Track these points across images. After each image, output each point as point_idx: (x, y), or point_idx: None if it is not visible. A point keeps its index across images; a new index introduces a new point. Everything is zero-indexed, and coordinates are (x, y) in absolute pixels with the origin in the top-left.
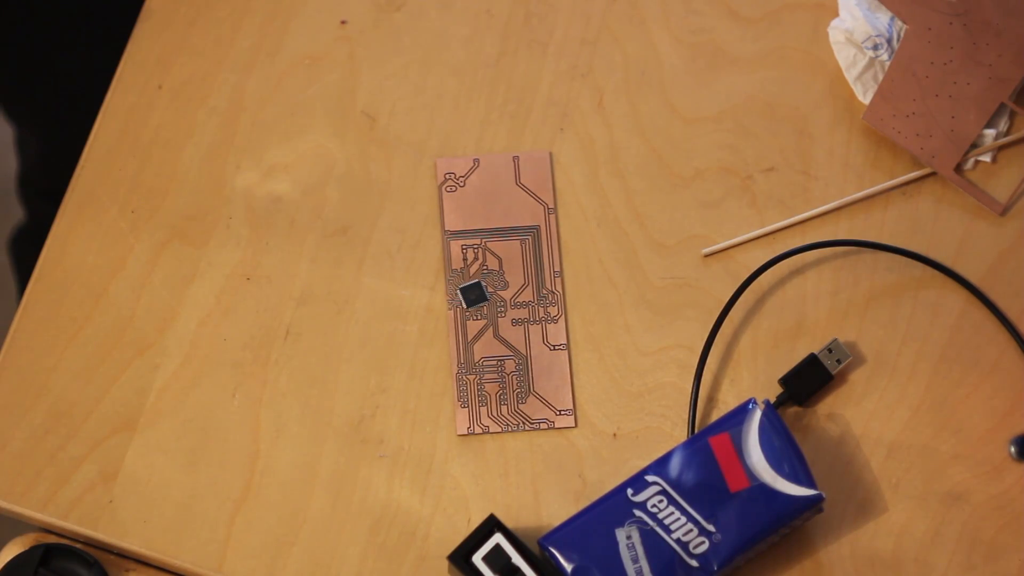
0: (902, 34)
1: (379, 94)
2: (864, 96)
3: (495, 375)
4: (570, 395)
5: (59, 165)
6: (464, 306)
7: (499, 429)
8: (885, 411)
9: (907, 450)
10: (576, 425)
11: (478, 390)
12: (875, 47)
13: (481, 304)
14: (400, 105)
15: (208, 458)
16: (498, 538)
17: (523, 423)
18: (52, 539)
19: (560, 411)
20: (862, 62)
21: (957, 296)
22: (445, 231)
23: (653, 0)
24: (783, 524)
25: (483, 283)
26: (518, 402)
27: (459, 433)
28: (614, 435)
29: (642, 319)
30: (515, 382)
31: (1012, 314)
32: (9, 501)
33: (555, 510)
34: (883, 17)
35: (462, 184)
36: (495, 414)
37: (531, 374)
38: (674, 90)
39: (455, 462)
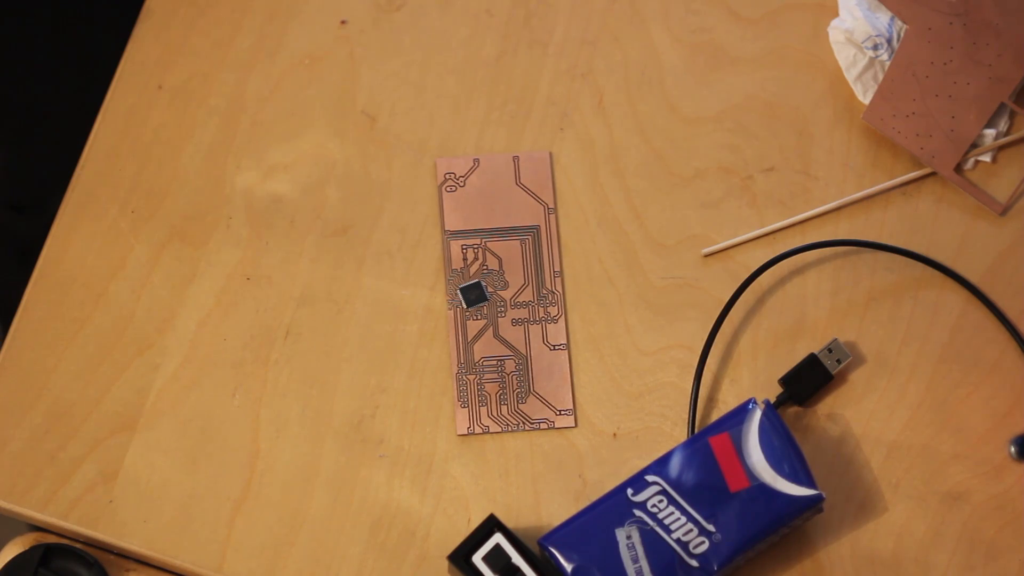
0: (902, 34)
1: (379, 94)
2: (864, 96)
3: (495, 375)
4: (570, 395)
5: (27, 178)
6: (464, 306)
7: (499, 429)
8: (885, 411)
9: (907, 450)
10: (576, 425)
11: (478, 390)
12: (875, 47)
13: (481, 304)
14: (400, 105)
15: (208, 458)
16: (498, 538)
17: (523, 423)
18: (52, 539)
19: (560, 411)
20: (862, 62)
21: (957, 296)
22: (445, 231)
23: (653, 0)
24: (783, 524)
25: (483, 283)
26: (518, 402)
27: (459, 433)
28: (614, 435)
29: (642, 319)
30: (515, 382)
31: (1012, 314)
32: (9, 501)
33: (555, 510)
34: (883, 17)
35: (462, 184)
36: (495, 414)
37: (531, 374)
38: (674, 90)
39: (455, 462)
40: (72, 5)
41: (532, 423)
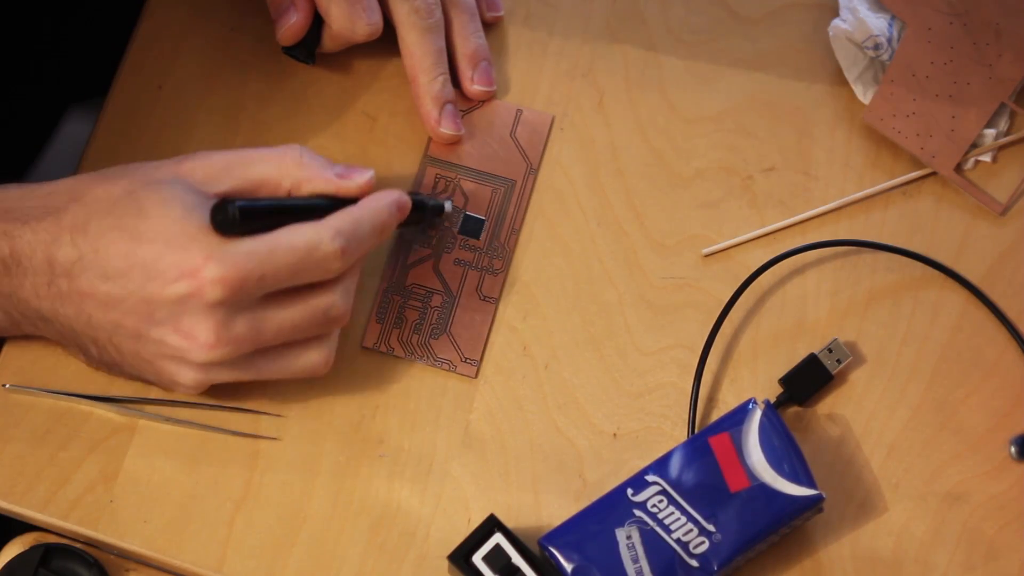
0: (902, 34)
1: (379, 94)
2: (864, 96)
3: (419, 304)
4: (481, 347)
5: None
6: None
7: (402, 354)
8: (885, 411)
9: (907, 450)
10: (476, 377)
11: (398, 312)
12: (875, 47)
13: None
14: (400, 105)
15: (208, 458)
16: (498, 538)
17: (427, 356)
18: (52, 539)
19: (466, 358)
20: (862, 62)
21: (957, 296)
22: (427, 155)
23: (653, 0)
24: (783, 524)
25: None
26: (430, 336)
27: (364, 345)
28: (614, 435)
29: (642, 319)
30: (435, 317)
31: (1012, 314)
32: (9, 501)
33: (555, 510)
34: (883, 17)
35: (460, 118)
36: (404, 339)
37: (453, 315)
38: (674, 90)
39: (455, 462)
40: (73, 5)
41: (436, 360)
